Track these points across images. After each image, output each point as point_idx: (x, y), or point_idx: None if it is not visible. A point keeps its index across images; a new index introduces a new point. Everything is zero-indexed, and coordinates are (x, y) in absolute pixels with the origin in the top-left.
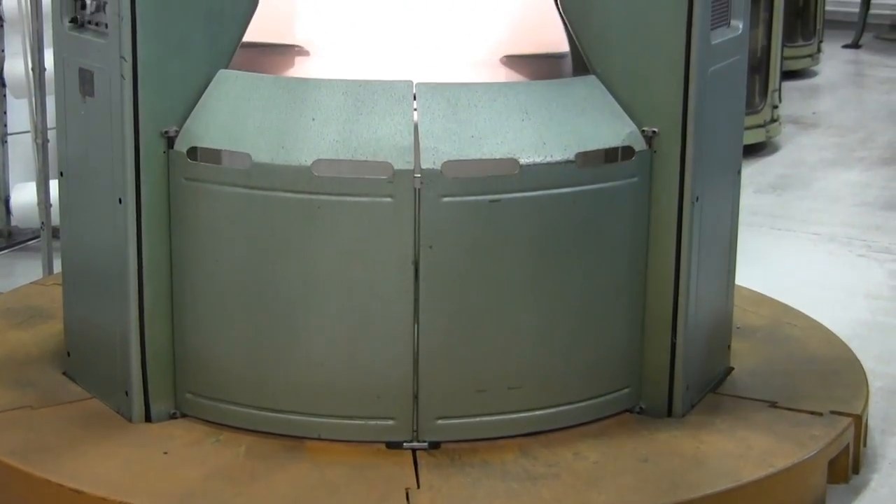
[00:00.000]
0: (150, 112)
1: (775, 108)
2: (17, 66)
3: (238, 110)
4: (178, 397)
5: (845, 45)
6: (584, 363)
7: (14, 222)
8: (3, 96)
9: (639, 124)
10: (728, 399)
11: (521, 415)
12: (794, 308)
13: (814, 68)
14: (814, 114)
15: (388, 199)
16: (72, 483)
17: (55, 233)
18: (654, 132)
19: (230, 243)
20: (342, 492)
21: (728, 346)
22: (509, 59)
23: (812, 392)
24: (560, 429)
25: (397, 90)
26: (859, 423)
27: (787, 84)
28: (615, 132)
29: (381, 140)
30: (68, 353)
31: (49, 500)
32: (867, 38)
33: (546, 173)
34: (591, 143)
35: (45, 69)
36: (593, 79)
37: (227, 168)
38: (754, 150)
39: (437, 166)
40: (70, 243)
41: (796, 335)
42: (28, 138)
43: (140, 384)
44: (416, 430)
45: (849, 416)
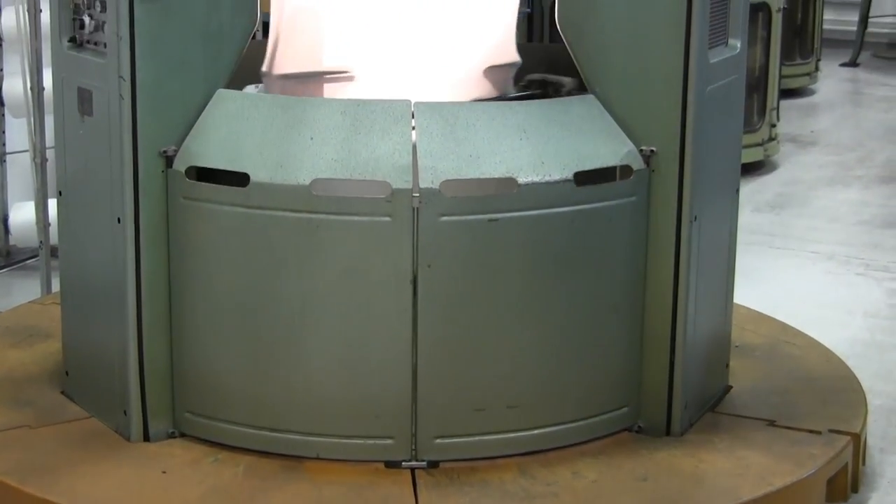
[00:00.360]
0: (148, 131)
1: (773, 126)
2: (15, 86)
3: (236, 129)
4: (176, 417)
5: (843, 64)
6: (583, 382)
7: (12, 241)
8: (2, 115)
9: (637, 143)
10: (726, 418)
11: (520, 434)
12: (792, 326)
13: (812, 87)
14: (812, 132)
15: (387, 219)
16: (70, 503)
17: (54, 252)
18: (652, 151)
19: (229, 262)
20: None
21: (726, 365)
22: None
23: (811, 410)
24: (559, 448)
25: (395, 109)
26: (858, 442)
27: (785, 102)
28: (613, 151)
29: (380, 159)
30: (67, 373)
31: None
32: (865, 56)
33: (544, 192)
34: (589, 163)
35: (43, 88)
36: (591, 98)
37: (225, 187)
38: (752, 169)
39: (436, 185)
40: (68, 262)
41: (795, 354)
42: (27, 157)
43: (138, 403)
44: (414, 450)
45: (847, 434)
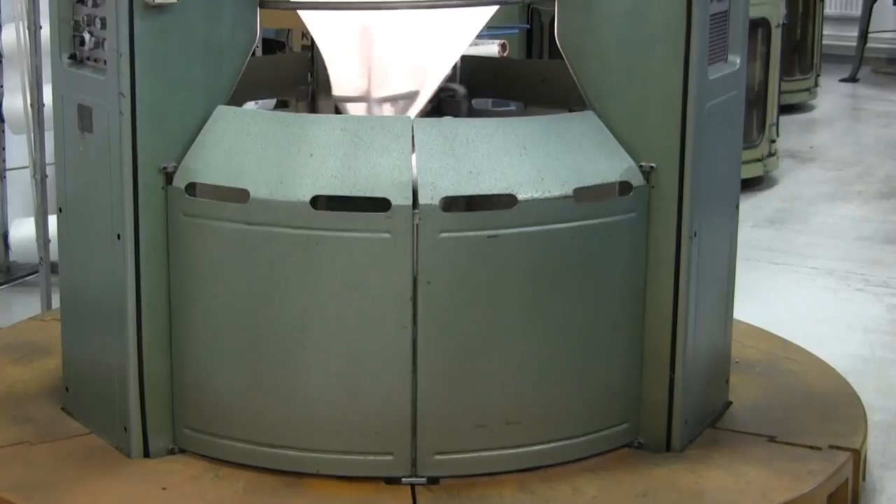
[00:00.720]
0: (148, 148)
1: (773, 142)
2: (16, 102)
3: (236, 146)
4: (176, 433)
5: (843, 79)
6: (583, 398)
7: (13, 257)
8: (2, 132)
9: (636, 159)
10: (726, 433)
11: (520, 450)
12: (792, 342)
13: (811, 102)
14: (811, 148)
15: (387, 235)
16: None
17: (54, 268)
18: (651, 167)
19: (228, 279)
20: None
21: (726, 381)
22: None
23: (811, 426)
24: (558, 464)
25: (395, 126)
26: (858, 458)
27: (784, 118)
28: (613, 167)
29: (380, 176)
30: (67, 389)
31: None
32: (864, 71)
33: (544, 209)
34: (588, 179)
35: (43, 105)
36: (591, 114)
37: (225, 204)
38: (752, 185)
39: (436, 202)
40: (69, 279)
41: (795, 369)
42: (27, 174)
43: (138, 420)
44: (414, 466)
45: (847, 450)
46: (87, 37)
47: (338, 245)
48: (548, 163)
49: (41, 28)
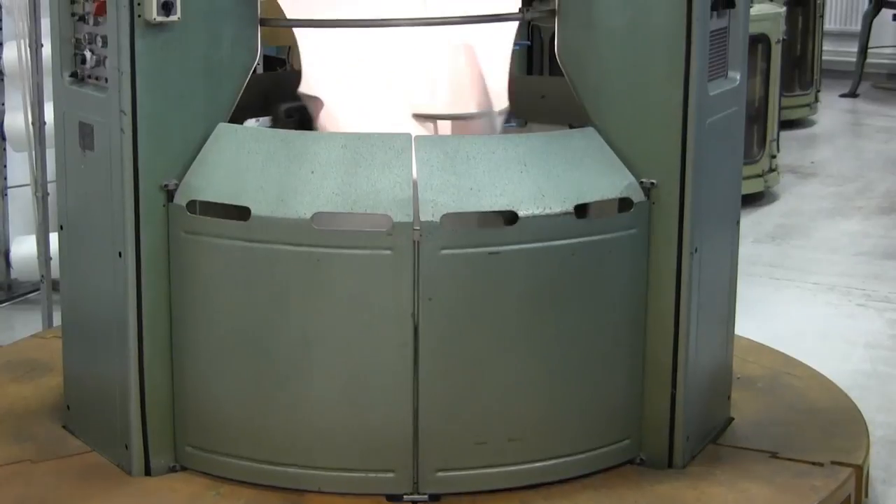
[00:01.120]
0: (149, 165)
1: (773, 157)
2: (17, 120)
3: (237, 163)
4: (177, 450)
5: (843, 95)
6: (584, 415)
7: (14, 275)
8: (4, 150)
9: (637, 176)
10: (728, 450)
11: (522, 467)
12: (793, 358)
13: (812, 118)
14: (812, 163)
15: (388, 252)
16: None
17: (55, 286)
18: (652, 184)
19: (230, 296)
20: None
21: (728, 397)
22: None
23: (813, 442)
24: (560, 481)
25: (396, 143)
26: (860, 474)
27: (785, 133)
28: (614, 184)
29: (381, 193)
30: (68, 407)
31: None
32: (864, 87)
33: (545, 225)
34: (589, 195)
35: (45, 123)
36: (591, 130)
37: (226, 221)
38: (753, 200)
39: (436, 219)
40: (70, 296)
41: (796, 385)
42: (28, 191)
43: (140, 437)
44: (416, 483)
45: (850, 466)
46: (88, 55)
47: (339, 262)
48: (548, 179)
49: (42, 46)
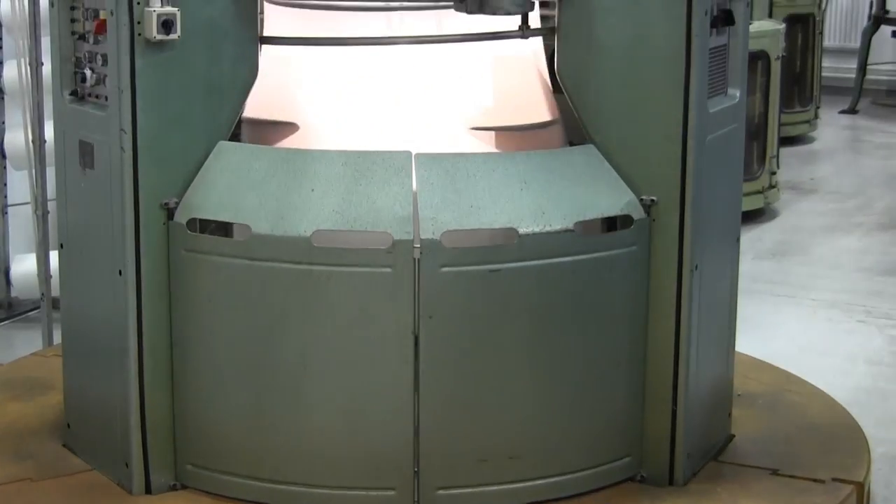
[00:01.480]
0: (149, 184)
1: (773, 174)
2: (17, 138)
3: (237, 182)
4: (178, 469)
5: (842, 111)
6: (585, 432)
7: (14, 293)
8: (4, 168)
9: (637, 193)
10: (729, 467)
11: (522, 485)
12: (794, 375)
13: (811, 134)
14: (812, 179)
15: (388, 270)
16: None
17: (55, 304)
18: (652, 201)
19: (230, 314)
20: None
21: (729, 414)
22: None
23: (814, 459)
24: (561, 498)
25: (396, 161)
26: (861, 491)
27: (784, 150)
28: (614, 201)
29: (381, 210)
30: (68, 425)
31: None
32: (864, 103)
33: (545, 243)
34: (589, 212)
35: (45, 141)
36: (591, 148)
37: (226, 239)
38: (753, 217)
39: (437, 236)
40: (70, 314)
41: (797, 402)
42: (28, 209)
43: (140, 455)
44: (416, 501)
45: (851, 483)
46: (88, 73)
47: (339, 280)
48: (548, 197)
49: (43, 64)
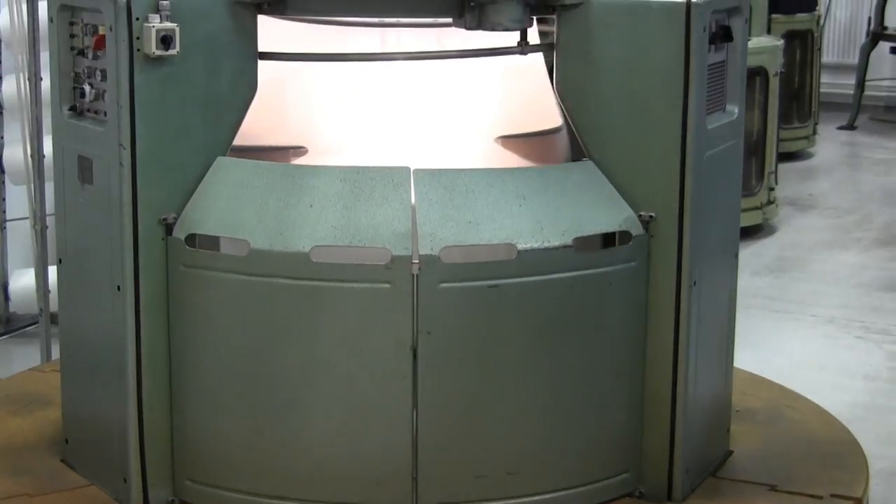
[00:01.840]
0: (148, 199)
1: (772, 190)
2: (16, 153)
3: (236, 197)
4: (176, 484)
5: (841, 127)
6: (584, 448)
7: (12, 308)
8: (3, 182)
9: (636, 209)
10: (728, 483)
11: (521, 500)
12: (792, 391)
13: (810, 150)
14: (810, 195)
15: (387, 285)
16: None
17: (53, 319)
18: (651, 217)
19: (229, 330)
20: None
21: (727, 430)
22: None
23: (812, 475)
24: None
25: (395, 176)
26: None
27: (783, 166)
28: (612, 217)
29: (379, 226)
30: (66, 440)
31: None
32: (862, 119)
33: (544, 258)
34: (588, 228)
35: (44, 156)
36: (590, 164)
37: (225, 255)
38: (751, 233)
39: (435, 252)
40: (68, 330)
41: (795, 418)
42: (27, 224)
43: (138, 471)
44: None
45: (849, 499)
46: (87, 88)
47: (338, 296)
48: (547, 212)
49: (42, 79)
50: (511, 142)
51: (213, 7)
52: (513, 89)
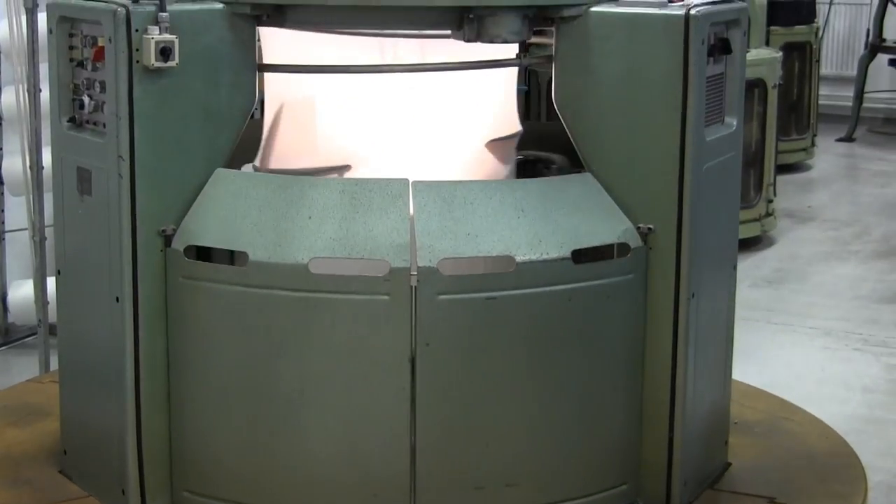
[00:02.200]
0: (147, 211)
1: (770, 201)
2: (15, 164)
3: (235, 209)
4: (174, 495)
5: (839, 139)
6: (582, 459)
7: (11, 319)
8: (2, 194)
9: (634, 221)
10: (726, 495)
11: None
12: (791, 403)
13: (808, 162)
14: (809, 207)
15: (385, 297)
16: None
17: (52, 330)
18: (649, 229)
19: (227, 341)
20: None
21: (725, 442)
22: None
23: (810, 487)
24: None
25: (393, 188)
26: None
27: (781, 178)
28: (611, 229)
29: (378, 238)
30: (65, 452)
31: None
32: (861, 131)
33: (542, 270)
34: (586, 240)
35: (43, 167)
36: (588, 176)
37: (224, 266)
38: (750, 245)
39: (434, 264)
40: (67, 341)
41: (794, 430)
42: (26, 235)
43: (137, 482)
44: None
45: None
46: (86, 100)
47: (336, 307)
48: (546, 224)
49: (41, 91)
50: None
51: (213, 19)
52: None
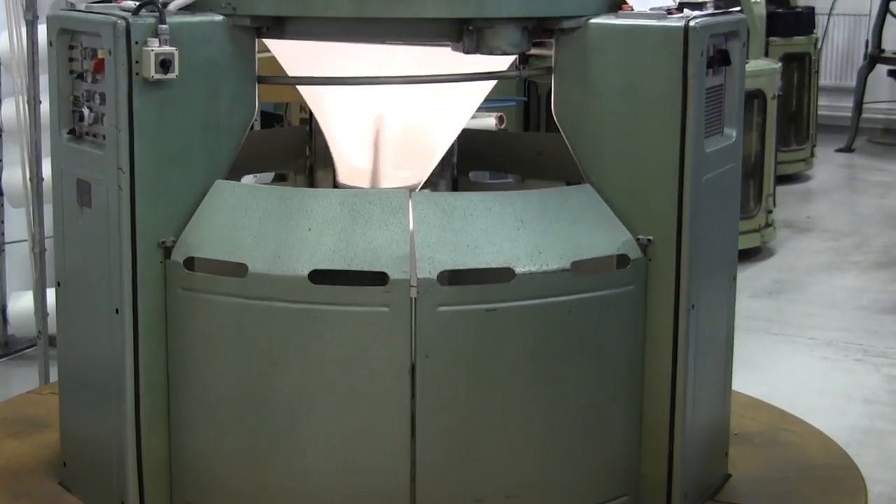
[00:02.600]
0: (147, 222)
1: (770, 212)
2: (15, 176)
3: (235, 220)
4: None
5: (839, 149)
6: (582, 472)
7: (11, 331)
8: (1, 205)
9: (634, 232)
10: None
11: None
12: (791, 414)
13: (808, 172)
14: (808, 218)
15: (385, 309)
16: None
17: (52, 342)
18: (649, 240)
19: (227, 353)
20: None
21: (725, 453)
22: None
23: (810, 499)
24: None
25: (393, 200)
26: None
27: (781, 188)
28: (610, 240)
29: (378, 250)
30: (64, 463)
31: None
32: (860, 142)
33: (542, 282)
34: (586, 252)
35: (42, 179)
36: (588, 187)
37: (223, 278)
38: (749, 255)
39: (433, 276)
40: (67, 352)
41: (794, 441)
42: (25, 247)
43: (136, 494)
44: None
45: None
46: (86, 112)
47: (336, 319)
48: (545, 236)
49: (41, 103)
50: None
51: (212, 31)
52: None
